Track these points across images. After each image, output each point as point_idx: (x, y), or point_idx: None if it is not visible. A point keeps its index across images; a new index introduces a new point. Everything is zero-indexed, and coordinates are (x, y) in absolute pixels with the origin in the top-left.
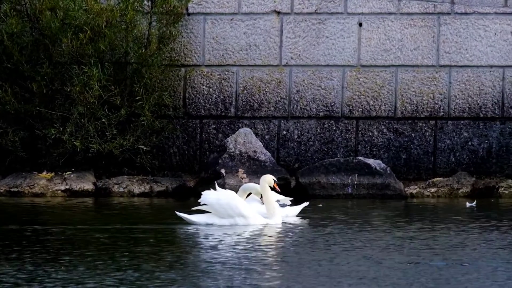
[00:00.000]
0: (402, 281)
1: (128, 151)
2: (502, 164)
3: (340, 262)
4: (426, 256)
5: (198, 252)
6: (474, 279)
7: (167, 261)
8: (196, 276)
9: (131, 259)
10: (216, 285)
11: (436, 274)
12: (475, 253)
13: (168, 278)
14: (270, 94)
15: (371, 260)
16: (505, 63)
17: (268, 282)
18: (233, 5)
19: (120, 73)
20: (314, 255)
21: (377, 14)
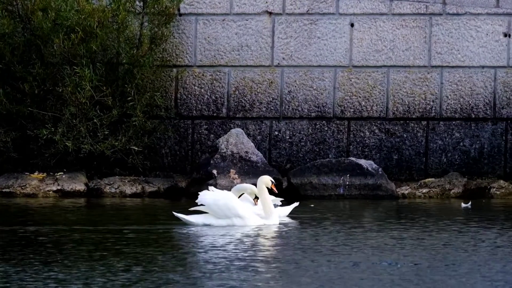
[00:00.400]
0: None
1: (119, 151)
2: (494, 164)
3: (336, 265)
4: (395, 256)
5: (193, 252)
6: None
7: (161, 262)
8: (194, 277)
9: (124, 260)
10: (211, 284)
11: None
12: (457, 253)
13: (163, 278)
14: (262, 95)
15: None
16: (496, 63)
17: (261, 282)
18: (225, 5)
19: (112, 73)
20: (306, 256)
21: (369, 15)
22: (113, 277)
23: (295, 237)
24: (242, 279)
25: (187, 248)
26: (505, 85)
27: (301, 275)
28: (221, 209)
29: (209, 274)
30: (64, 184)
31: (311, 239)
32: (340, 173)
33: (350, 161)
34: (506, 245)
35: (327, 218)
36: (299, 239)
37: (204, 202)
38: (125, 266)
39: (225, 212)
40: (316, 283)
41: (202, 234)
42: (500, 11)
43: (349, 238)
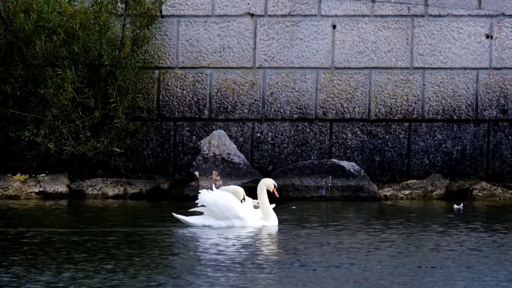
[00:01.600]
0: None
1: (102, 153)
2: (476, 166)
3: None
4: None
5: (180, 253)
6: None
7: (146, 264)
8: (181, 278)
9: (110, 262)
10: (198, 285)
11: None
12: (425, 256)
13: (149, 280)
14: (244, 96)
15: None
16: (479, 65)
17: (252, 283)
18: (207, 7)
19: (94, 75)
20: (275, 257)
21: (351, 16)
22: (100, 279)
23: (271, 239)
24: (232, 280)
25: (171, 249)
26: (487, 86)
27: (257, 274)
28: (221, 210)
29: (198, 275)
30: (46, 186)
31: (286, 240)
32: (322, 174)
33: (332, 162)
34: (482, 248)
35: (307, 220)
36: (276, 240)
37: (203, 203)
38: (111, 268)
39: (224, 213)
40: (257, 281)
41: (190, 235)
42: (482, 13)
43: (325, 239)
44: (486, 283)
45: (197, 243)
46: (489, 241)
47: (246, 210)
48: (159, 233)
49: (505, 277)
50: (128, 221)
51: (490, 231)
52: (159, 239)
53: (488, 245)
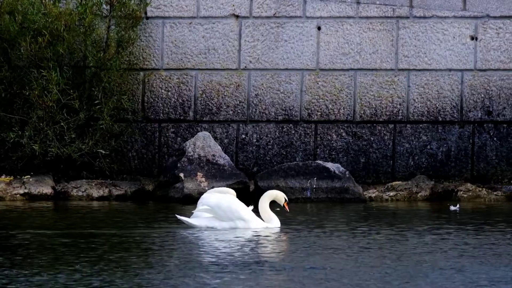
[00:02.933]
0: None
1: (86, 155)
2: (461, 167)
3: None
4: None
5: (171, 254)
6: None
7: (134, 266)
8: (172, 279)
9: (97, 264)
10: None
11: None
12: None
13: (140, 281)
14: (229, 98)
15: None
16: (463, 66)
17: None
18: (191, 9)
19: (79, 77)
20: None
21: (336, 18)
22: (87, 281)
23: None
24: (224, 281)
25: (161, 251)
26: (472, 88)
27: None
28: (224, 211)
29: (189, 277)
30: (31, 188)
31: (265, 241)
32: (307, 176)
33: (317, 164)
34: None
35: (291, 221)
36: (254, 242)
37: (207, 204)
38: (96, 270)
39: (228, 214)
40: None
41: (178, 237)
42: (467, 14)
43: (307, 241)
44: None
45: (186, 244)
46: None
47: (250, 211)
48: (150, 235)
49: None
50: (115, 223)
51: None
52: (149, 240)
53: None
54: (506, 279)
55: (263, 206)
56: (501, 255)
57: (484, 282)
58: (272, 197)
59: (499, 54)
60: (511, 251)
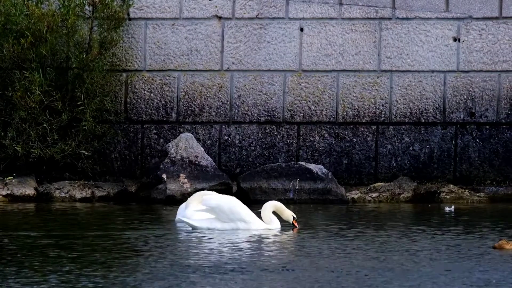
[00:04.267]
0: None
1: (69, 156)
2: (444, 169)
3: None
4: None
5: (159, 256)
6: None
7: (117, 267)
8: (157, 280)
9: (84, 266)
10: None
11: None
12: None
13: (125, 283)
14: (212, 99)
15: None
16: (446, 68)
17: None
18: (174, 10)
19: (62, 78)
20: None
21: (319, 19)
22: (72, 283)
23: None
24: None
25: (144, 252)
26: (454, 89)
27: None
28: (225, 213)
29: (176, 278)
30: (13, 189)
31: (239, 242)
32: (290, 177)
33: (300, 165)
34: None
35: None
36: (218, 243)
37: (208, 205)
38: (81, 272)
39: (229, 216)
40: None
41: (166, 238)
42: (450, 16)
43: (287, 243)
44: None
45: (172, 246)
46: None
47: (250, 213)
48: (132, 236)
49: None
50: (98, 225)
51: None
52: (132, 242)
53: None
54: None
55: (266, 213)
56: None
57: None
58: (272, 207)
59: (482, 56)
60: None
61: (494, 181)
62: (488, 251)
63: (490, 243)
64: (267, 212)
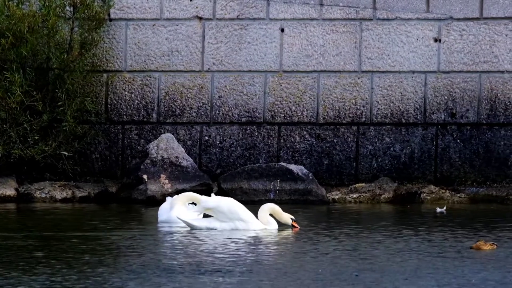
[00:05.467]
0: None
1: (50, 156)
2: (424, 169)
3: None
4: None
5: (139, 257)
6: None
7: (101, 268)
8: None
9: (72, 267)
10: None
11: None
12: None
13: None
14: (192, 100)
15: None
16: (427, 68)
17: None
18: (155, 10)
19: (42, 78)
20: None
21: (299, 20)
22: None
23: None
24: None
25: (124, 253)
26: (435, 90)
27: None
28: (224, 212)
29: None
30: None
31: (210, 242)
32: (271, 178)
33: (281, 166)
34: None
35: None
36: (193, 243)
37: (207, 205)
38: (53, 274)
39: (228, 215)
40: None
41: (152, 239)
42: (431, 16)
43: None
44: None
45: (150, 247)
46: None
47: (249, 213)
48: (113, 237)
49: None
50: (82, 225)
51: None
52: (112, 242)
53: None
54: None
55: (262, 214)
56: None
57: None
58: (274, 212)
59: (463, 56)
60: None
61: (474, 182)
62: (465, 251)
63: (470, 243)
64: (264, 213)
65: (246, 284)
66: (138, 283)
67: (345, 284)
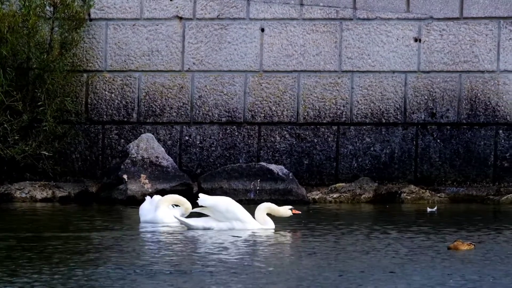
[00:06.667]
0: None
1: (30, 156)
2: (405, 169)
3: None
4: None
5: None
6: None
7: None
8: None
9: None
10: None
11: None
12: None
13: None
14: (172, 100)
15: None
16: (407, 68)
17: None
18: (135, 10)
19: (22, 78)
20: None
21: (280, 20)
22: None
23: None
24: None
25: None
26: (415, 90)
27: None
28: (222, 212)
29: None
30: None
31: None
32: (251, 178)
33: (261, 166)
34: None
35: None
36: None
37: (204, 203)
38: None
39: (225, 215)
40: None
41: (126, 239)
42: (411, 16)
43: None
44: None
45: (127, 247)
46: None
47: (246, 213)
48: (92, 237)
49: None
50: (62, 225)
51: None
52: (91, 243)
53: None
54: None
55: (259, 214)
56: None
57: None
58: (271, 211)
59: (443, 56)
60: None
61: (455, 182)
62: (443, 251)
63: (448, 243)
64: (261, 213)
65: (231, 283)
66: (122, 284)
67: (328, 284)
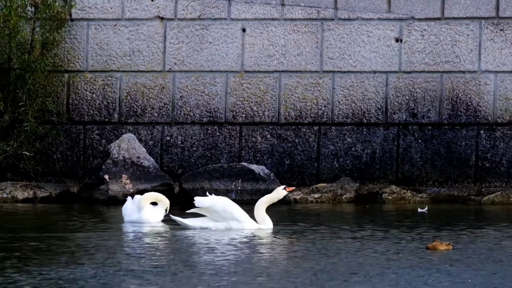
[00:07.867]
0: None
1: (11, 156)
2: (386, 169)
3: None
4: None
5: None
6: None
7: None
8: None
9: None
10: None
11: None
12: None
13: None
14: (154, 100)
15: None
16: (388, 68)
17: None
18: (116, 10)
19: (4, 78)
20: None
21: (261, 20)
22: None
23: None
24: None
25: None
26: (396, 90)
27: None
28: (219, 212)
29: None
30: None
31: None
32: (232, 178)
33: (242, 166)
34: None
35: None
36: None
37: (201, 205)
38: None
39: (222, 215)
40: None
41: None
42: (392, 16)
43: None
44: None
45: (111, 247)
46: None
47: (243, 212)
48: (86, 238)
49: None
50: (41, 226)
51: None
52: (82, 243)
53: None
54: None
55: (260, 209)
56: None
57: None
58: (269, 202)
59: (424, 56)
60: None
61: (436, 182)
62: (421, 251)
63: (427, 243)
64: (260, 212)
65: (219, 284)
66: (106, 285)
67: (308, 284)
